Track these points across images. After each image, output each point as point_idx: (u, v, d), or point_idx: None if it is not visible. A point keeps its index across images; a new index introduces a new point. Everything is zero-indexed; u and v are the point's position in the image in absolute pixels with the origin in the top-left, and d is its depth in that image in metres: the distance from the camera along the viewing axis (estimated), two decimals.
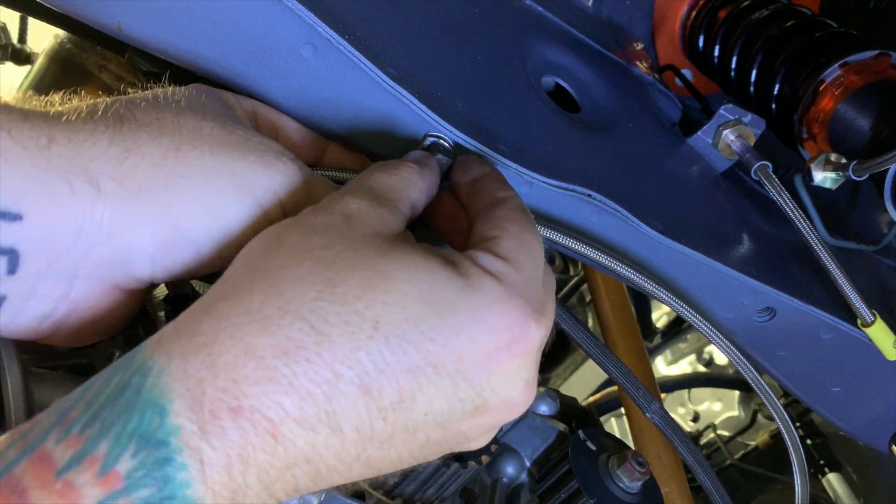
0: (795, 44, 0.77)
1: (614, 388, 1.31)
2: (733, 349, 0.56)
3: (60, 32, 0.90)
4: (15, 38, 1.27)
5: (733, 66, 0.85)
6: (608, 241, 0.58)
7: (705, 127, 0.72)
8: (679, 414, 1.96)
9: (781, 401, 0.60)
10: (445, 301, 0.35)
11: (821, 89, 0.73)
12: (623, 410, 1.08)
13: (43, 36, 0.97)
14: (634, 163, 0.66)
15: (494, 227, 0.41)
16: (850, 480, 1.51)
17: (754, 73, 0.82)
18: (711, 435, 1.85)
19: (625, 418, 1.04)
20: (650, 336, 1.90)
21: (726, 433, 1.84)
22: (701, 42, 0.90)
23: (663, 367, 2.00)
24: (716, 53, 0.88)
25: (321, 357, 0.32)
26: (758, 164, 0.66)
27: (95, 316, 0.40)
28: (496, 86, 0.59)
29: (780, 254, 0.70)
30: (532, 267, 0.40)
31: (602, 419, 1.21)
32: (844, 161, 0.66)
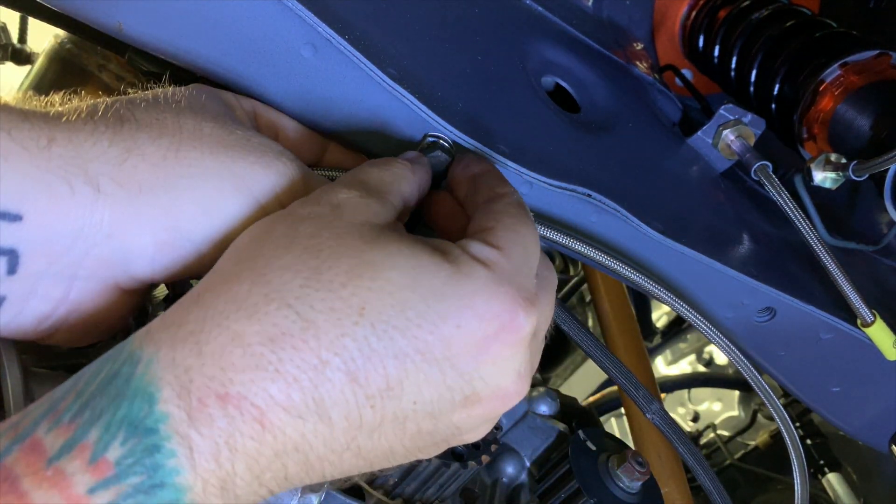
0: (795, 44, 0.77)
1: (614, 388, 1.31)
2: (733, 349, 0.56)
3: (60, 32, 0.90)
4: (15, 38, 1.26)
5: (733, 66, 0.85)
6: (608, 241, 0.58)
7: (705, 127, 0.73)
8: (679, 414, 1.96)
9: (781, 401, 0.59)
10: (432, 287, 0.35)
11: (821, 89, 0.73)
12: (623, 410, 1.08)
13: (43, 36, 0.97)
14: (634, 163, 0.66)
15: (490, 219, 0.41)
16: (850, 480, 1.51)
17: (754, 73, 0.82)
18: (711, 435, 1.85)
19: (625, 418, 1.04)
20: (650, 336, 1.90)
21: (726, 433, 1.84)
22: (701, 42, 0.90)
23: (663, 367, 2.00)
24: (716, 53, 0.88)
25: (307, 344, 0.33)
26: (758, 164, 0.66)
27: (95, 316, 0.40)
28: (496, 86, 0.59)
29: (780, 254, 0.70)
30: (524, 257, 0.39)
31: (602, 419, 1.21)
32: (844, 161, 0.66)
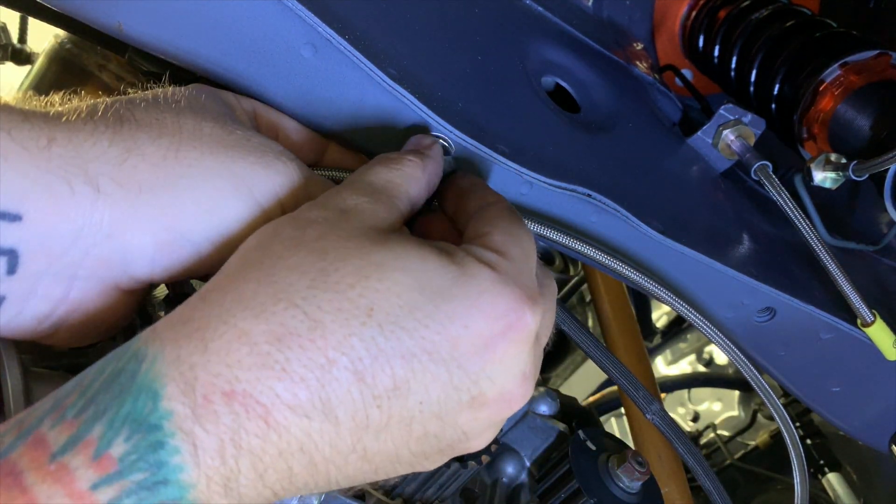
0: (795, 44, 0.77)
1: (614, 388, 1.31)
2: (733, 349, 0.56)
3: (60, 32, 0.90)
4: (15, 38, 1.26)
5: (733, 66, 0.85)
6: (608, 241, 0.58)
7: (705, 127, 0.73)
8: (679, 414, 1.96)
9: (781, 400, 0.59)
10: (440, 288, 0.36)
11: (821, 89, 0.73)
12: (623, 410, 1.08)
13: (43, 36, 0.97)
14: (634, 163, 0.66)
15: (486, 225, 0.41)
16: (850, 480, 1.51)
17: (754, 73, 0.82)
18: (711, 435, 1.85)
19: (625, 418, 1.04)
20: (650, 336, 1.90)
21: (726, 433, 1.84)
22: (701, 42, 0.90)
23: (663, 367, 2.00)
24: (716, 53, 0.88)
25: (314, 343, 0.33)
26: (758, 164, 0.66)
27: (95, 316, 0.40)
28: (496, 86, 0.59)
29: (780, 254, 0.70)
30: (524, 258, 0.40)
31: (602, 419, 1.22)
32: (844, 161, 0.66)
